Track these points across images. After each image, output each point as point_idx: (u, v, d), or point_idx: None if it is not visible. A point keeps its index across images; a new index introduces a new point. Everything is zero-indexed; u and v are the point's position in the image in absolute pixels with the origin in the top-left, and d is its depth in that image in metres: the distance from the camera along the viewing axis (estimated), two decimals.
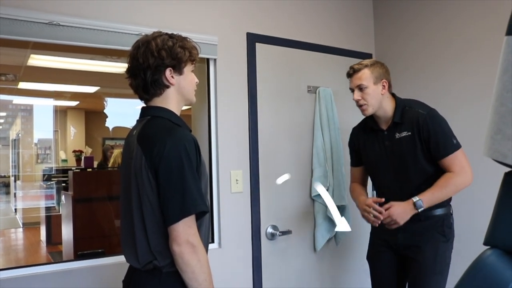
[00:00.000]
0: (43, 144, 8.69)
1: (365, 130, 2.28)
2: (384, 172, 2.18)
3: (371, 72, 2.10)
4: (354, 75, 2.13)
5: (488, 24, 2.50)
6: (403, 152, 2.09)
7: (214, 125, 2.53)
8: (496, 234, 0.96)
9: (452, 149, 2.02)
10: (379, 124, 2.19)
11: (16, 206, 8.21)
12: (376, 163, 2.22)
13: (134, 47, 1.49)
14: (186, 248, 1.32)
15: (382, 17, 3.18)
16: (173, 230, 1.33)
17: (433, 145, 2.03)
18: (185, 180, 1.34)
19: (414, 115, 2.06)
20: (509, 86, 0.89)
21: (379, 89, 2.11)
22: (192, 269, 1.34)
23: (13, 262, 5.50)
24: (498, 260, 0.94)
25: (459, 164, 2.01)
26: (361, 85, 2.10)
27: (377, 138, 2.19)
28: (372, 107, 2.11)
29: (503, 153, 0.89)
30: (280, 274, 2.68)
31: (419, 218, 2.04)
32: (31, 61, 3.83)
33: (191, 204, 1.34)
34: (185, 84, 1.52)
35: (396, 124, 2.11)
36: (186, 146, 1.36)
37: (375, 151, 2.20)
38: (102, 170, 5.91)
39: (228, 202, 2.52)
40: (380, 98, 2.11)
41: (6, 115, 8.69)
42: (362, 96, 2.11)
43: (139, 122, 1.52)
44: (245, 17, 2.64)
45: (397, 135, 2.11)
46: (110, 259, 2.17)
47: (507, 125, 0.88)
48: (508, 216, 0.94)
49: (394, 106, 2.13)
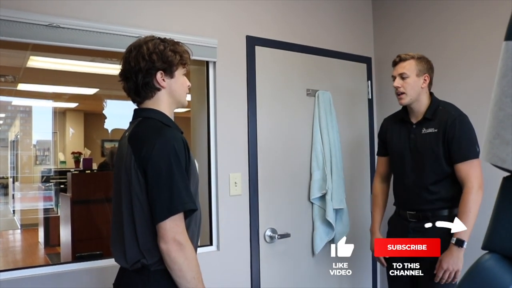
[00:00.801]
0: (42, 145, 8.68)
1: (395, 121, 2.35)
2: (404, 164, 2.24)
3: (416, 64, 2.17)
4: (400, 63, 2.20)
5: (487, 26, 2.51)
6: (425, 147, 2.16)
7: (213, 128, 2.53)
8: (494, 239, 0.95)
9: (472, 156, 2.06)
10: (410, 117, 2.25)
11: (15, 207, 8.19)
12: (398, 153, 2.28)
13: (126, 50, 1.53)
14: (173, 246, 1.34)
15: (381, 20, 3.19)
16: (161, 228, 1.35)
17: (455, 146, 2.08)
18: (173, 178, 1.36)
19: (445, 115, 2.13)
20: (507, 91, 0.89)
21: (420, 82, 2.17)
22: (180, 266, 1.36)
23: (11, 264, 5.48)
24: (497, 264, 0.94)
25: (477, 177, 2.04)
26: (403, 74, 2.17)
27: (405, 130, 2.27)
28: (410, 97, 2.17)
29: (501, 157, 0.89)
30: (279, 277, 2.68)
31: (427, 218, 2.12)
32: (31, 63, 3.84)
33: (179, 203, 1.36)
34: (177, 87, 1.54)
35: (426, 120, 2.18)
36: (175, 146, 1.38)
37: (400, 142, 2.27)
38: (101, 171, 5.89)
39: (226, 205, 2.52)
40: (419, 90, 2.17)
41: (5, 116, 8.67)
42: (402, 85, 2.17)
43: (131, 124, 1.55)
44: (244, 20, 2.64)
45: (423, 130, 2.18)
46: (108, 261, 2.16)
47: (506, 130, 0.88)
48: (506, 220, 0.94)
49: (429, 103, 2.20)
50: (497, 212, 0.96)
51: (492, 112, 0.92)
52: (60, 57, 3.59)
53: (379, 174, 2.48)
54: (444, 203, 2.14)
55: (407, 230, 2.19)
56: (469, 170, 2.05)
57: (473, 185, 2.03)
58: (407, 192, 2.23)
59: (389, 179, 2.46)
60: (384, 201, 2.44)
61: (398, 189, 2.32)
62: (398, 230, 2.26)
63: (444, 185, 2.13)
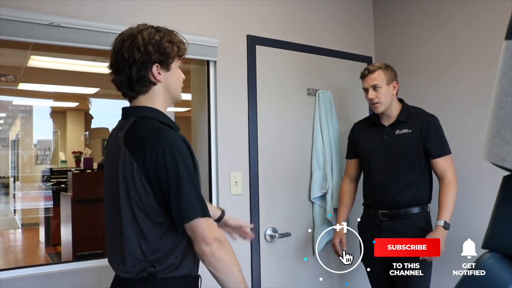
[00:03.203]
0: (42, 145, 8.69)
1: (367, 125, 2.48)
2: (377, 164, 2.36)
3: (385, 74, 2.31)
4: (369, 75, 2.32)
5: (488, 26, 2.50)
6: (400, 147, 2.28)
7: (214, 127, 2.53)
8: (494, 238, 0.96)
9: (448, 151, 2.28)
10: (381, 121, 2.37)
11: (15, 207, 8.21)
12: (371, 153, 2.39)
13: (118, 40, 1.40)
14: (216, 245, 1.30)
15: (381, 20, 3.19)
16: (197, 231, 1.29)
17: (433, 143, 2.24)
18: (190, 181, 1.31)
19: (419, 118, 2.29)
20: (508, 90, 0.89)
21: (391, 89, 2.32)
22: (226, 263, 1.32)
23: (12, 263, 5.50)
24: (497, 263, 0.94)
25: (453, 170, 2.26)
26: (376, 85, 2.29)
27: (377, 132, 2.38)
28: (384, 105, 2.30)
29: (502, 156, 0.89)
30: (279, 276, 2.68)
31: (400, 216, 2.27)
32: (31, 62, 3.84)
33: (203, 205, 1.32)
34: (173, 81, 1.44)
35: (399, 122, 2.32)
36: (180, 148, 1.31)
37: (373, 142, 2.39)
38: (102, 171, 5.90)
39: (227, 204, 2.52)
40: (391, 98, 2.32)
41: (6, 116, 8.69)
42: (376, 95, 2.29)
43: (124, 123, 1.42)
44: (245, 19, 2.64)
45: (397, 131, 2.31)
46: None
47: (506, 129, 0.88)
48: (506, 219, 0.94)
49: (400, 108, 2.35)
50: (497, 211, 0.96)
51: (493, 111, 0.92)
52: (61, 57, 3.60)
53: (347, 175, 2.58)
54: (416, 200, 2.27)
55: (379, 229, 2.30)
56: (447, 164, 2.25)
57: (452, 177, 2.24)
58: (380, 192, 2.32)
59: (357, 180, 2.58)
60: (351, 200, 2.55)
61: (370, 189, 2.41)
62: (370, 230, 2.34)
63: (417, 184, 2.27)
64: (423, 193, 2.29)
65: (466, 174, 2.56)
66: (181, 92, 1.50)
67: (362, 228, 2.39)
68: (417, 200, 2.28)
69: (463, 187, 2.55)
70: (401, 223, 2.27)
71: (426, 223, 2.29)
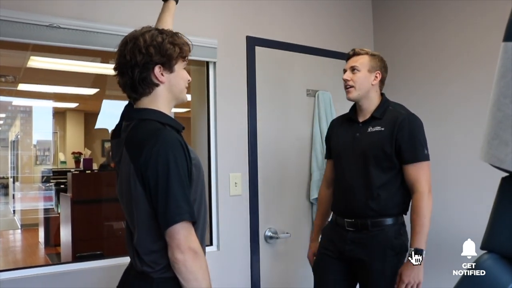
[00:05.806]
0: (42, 145, 8.68)
1: (342, 121, 2.22)
2: (346, 165, 2.10)
3: (370, 60, 2.07)
4: (353, 57, 2.10)
5: (486, 25, 2.51)
6: (369, 146, 2.01)
7: (214, 128, 2.53)
8: (493, 239, 0.96)
9: (422, 158, 1.95)
10: (357, 116, 2.13)
11: (15, 207, 8.20)
12: (342, 152, 2.13)
13: (121, 43, 1.42)
14: (190, 255, 1.27)
15: (381, 20, 3.19)
16: (174, 238, 1.26)
17: (406, 146, 1.94)
18: (172, 186, 1.27)
19: (394, 115, 2.01)
20: (506, 91, 0.89)
21: (371, 78, 2.06)
22: (195, 276, 1.28)
23: (11, 264, 5.50)
24: (495, 264, 0.94)
25: (426, 180, 1.94)
26: (355, 67, 2.06)
27: (350, 129, 2.13)
28: (358, 92, 2.05)
29: (500, 158, 0.90)
30: (279, 277, 2.68)
31: (367, 227, 1.98)
32: (31, 63, 3.84)
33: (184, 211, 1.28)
34: (176, 82, 1.43)
35: (373, 118, 2.05)
36: (173, 150, 1.29)
37: (344, 139, 2.13)
38: (101, 172, 5.90)
39: (227, 205, 2.53)
40: (369, 87, 2.06)
41: (5, 116, 8.68)
42: (352, 78, 2.05)
43: (127, 126, 1.43)
44: (244, 20, 2.65)
45: (370, 129, 2.05)
46: (109, 261, 2.17)
47: (504, 130, 0.89)
48: (505, 220, 0.94)
49: (378, 102, 2.08)
50: (496, 212, 0.96)
51: (491, 113, 0.92)
52: (61, 57, 3.60)
53: (325, 179, 2.32)
54: (387, 210, 1.98)
55: (344, 240, 2.02)
56: (419, 173, 1.93)
57: (424, 190, 1.92)
58: (347, 197, 2.06)
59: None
60: (328, 208, 2.25)
61: (337, 193, 2.15)
62: (334, 240, 2.08)
63: (387, 191, 1.97)
64: (396, 202, 1.99)
65: (466, 174, 2.57)
66: (186, 94, 1.50)
67: (325, 237, 2.16)
68: (388, 210, 1.97)
69: (463, 187, 2.56)
70: (368, 236, 1.97)
71: (397, 238, 1.97)
